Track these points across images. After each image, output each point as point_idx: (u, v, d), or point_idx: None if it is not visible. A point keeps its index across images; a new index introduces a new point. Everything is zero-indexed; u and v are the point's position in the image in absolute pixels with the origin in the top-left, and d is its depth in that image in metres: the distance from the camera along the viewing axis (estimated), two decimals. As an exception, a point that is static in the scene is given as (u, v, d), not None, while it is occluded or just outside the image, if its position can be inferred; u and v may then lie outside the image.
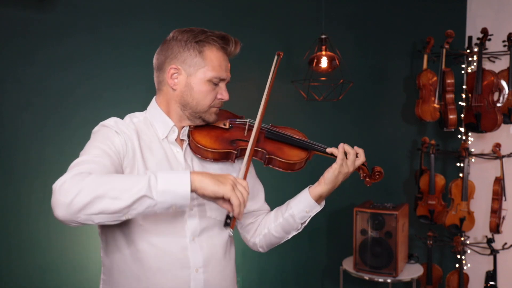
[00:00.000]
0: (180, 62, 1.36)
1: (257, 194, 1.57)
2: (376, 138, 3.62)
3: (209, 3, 3.01)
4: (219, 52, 1.37)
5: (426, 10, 3.60)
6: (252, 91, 3.21)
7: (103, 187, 1.07)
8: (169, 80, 1.37)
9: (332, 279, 3.52)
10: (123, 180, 1.10)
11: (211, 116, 1.41)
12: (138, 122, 1.39)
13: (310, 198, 1.44)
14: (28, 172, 2.49)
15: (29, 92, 2.48)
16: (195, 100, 1.36)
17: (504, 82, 3.28)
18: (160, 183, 1.09)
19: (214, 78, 1.36)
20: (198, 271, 1.35)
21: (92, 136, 1.34)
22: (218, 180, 1.13)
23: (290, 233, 1.51)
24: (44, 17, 2.49)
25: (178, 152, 1.38)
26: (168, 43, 1.39)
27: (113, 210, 1.07)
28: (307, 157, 1.46)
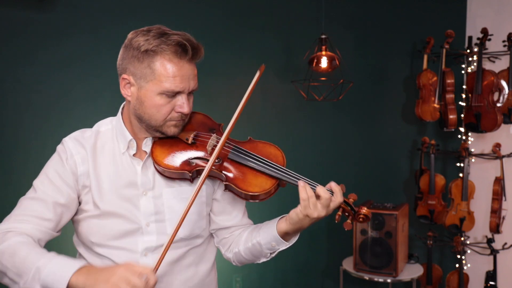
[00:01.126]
0: (131, 72, 1.24)
1: (233, 210, 1.43)
2: (376, 138, 3.62)
3: (209, 3, 3.00)
4: (171, 63, 1.20)
5: (426, 10, 3.60)
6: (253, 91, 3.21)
7: (3, 265, 1.16)
8: (122, 90, 1.28)
9: (332, 279, 3.52)
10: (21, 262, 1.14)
11: (170, 130, 1.28)
12: (105, 131, 1.36)
13: (275, 233, 1.31)
14: (28, 172, 2.48)
15: (29, 92, 2.48)
16: (147, 115, 1.25)
17: (504, 82, 3.28)
18: (44, 275, 1.11)
19: (166, 91, 1.21)
20: None
21: (50, 159, 1.36)
22: (95, 280, 1.07)
23: (259, 258, 1.40)
24: (44, 17, 2.49)
25: (138, 165, 1.32)
26: (124, 46, 1.27)
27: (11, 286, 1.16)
28: (272, 187, 1.25)
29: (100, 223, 1.31)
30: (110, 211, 1.30)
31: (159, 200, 1.32)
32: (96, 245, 1.32)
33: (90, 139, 1.34)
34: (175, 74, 1.21)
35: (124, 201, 1.31)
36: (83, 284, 1.07)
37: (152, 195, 1.32)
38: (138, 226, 1.31)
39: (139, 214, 1.31)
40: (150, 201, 1.32)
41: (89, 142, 1.33)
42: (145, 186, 1.32)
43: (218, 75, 2.95)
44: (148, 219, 1.31)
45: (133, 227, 1.31)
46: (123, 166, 1.32)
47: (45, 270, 1.11)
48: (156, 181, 1.33)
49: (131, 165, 1.32)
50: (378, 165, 3.62)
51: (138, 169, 1.32)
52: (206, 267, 1.43)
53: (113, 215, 1.30)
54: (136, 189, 1.32)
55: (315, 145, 3.42)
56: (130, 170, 1.32)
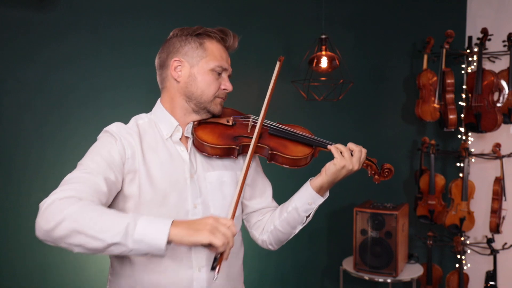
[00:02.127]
0: (182, 55, 1.39)
1: (264, 191, 1.57)
2: (376, 138, 3.62)
3: (209, 3, 3.01)
4: (218, 44, 1.42)
5: (426, 10, 3.60)
6: (253, 90, 3.21)
7: (82, 223, 1.08)
8: (173, 72, 1.40)
9: (332, 279, 3.52)
10: (104, 219, 1.10)
11: (216, 107, 1.43)
12: (143, 123, 1.41)
13: (311, 190, 1.43)
14: (28, 172, 2.49)
15: (29, 92, 2.48)
16: (199, 90, 1.39)
17: (504, 82, 3.28)
18: (137, 233, 1.08)
19: (216, 67, 1.39)
20: (201, 270, 1.35)
21: (95, 144, 1.35)
22: (195, 229, 1.10)
23: (296, 227, 1.49)
24: (44, 17, 2.49)
25: (183, 151, 1.40)
26: (169, 41, 1.43)
27: (89, 248, 1.10)
28: (311, 153, 1.45)
29: (151, 205, 1.32)
30: (161, 194, 1.34)
31: (203, 183, 1.40)
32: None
33: (133, 127, 1.39)
34: (221, 53, 1.42)
35: (173, 184, 1.35)
36: (182, 235, 1.09)
37: (197, 178, 1.40)
38: (186, 208, 1.36)
39: (187, 196, 1.37)
40: (195, 184, 1.39)
41: (134, 130, 1.38)
42: (191, 170, 1.39)
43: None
44: (195, 201, 1.38)
45: (181, 209, 1.36)
46: (169, 152, 1.38)
47: (138, 224, 1.08)
48: (198, 165, 1.41)
49: (175, 150, 1.39)
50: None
51: (183, 154, 1.39)
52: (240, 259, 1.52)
53: (163, 198, 1.34)
54: (183, 173, 1.38)
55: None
56: (176, 155, 1.39)
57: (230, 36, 1.45)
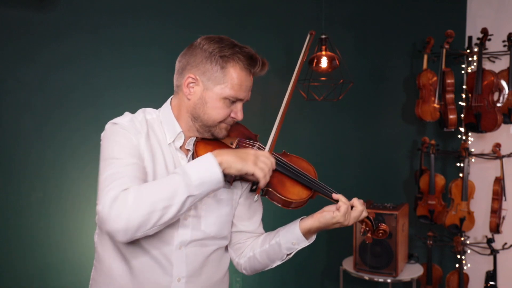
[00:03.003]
0: (200, 73, 1.30)
1: (253, 216, 1.51)
2: (376, 138, 3.62)
3: (210, 3, 3.01)
4: (242, 72, 1.31)
5: (426, 10, 3.60)
6: (253, 91, 3.21)
7: (148, 203, 1.11)
8: (184, 88, 1.33)
9: (332, 279, 3.52)
10: (161, 188, 1.13)
11: (221, 132, 1.36)
12: (151, 119, 1.37)
13: (298, 231, 1.37)
14: (28, 172, 2.49)
15: (29, 92, 2.48)
16: (206, 115, 1.32)
17: (504, 82, 3.28)
18: (194, 178, 1.13)
19: (231, 97, 1.30)
20: (180, 280, 1.33)
21: (110, 136, 1.29)
22: (241, 157, 1.19)
23: (275, 261, 1.43)
24: (44, 17, 2.49)
25: (182, 159, 1.36)
26: (193, 49, 1.33)
27: (166, 219, 1.14)
28: (308, 197, 1.36)
29: None
30: None
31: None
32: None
33: (143, 124, 1.33)
34: (242, 82, 1.31)
35: None
36: (230, 160, 1.16)
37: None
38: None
39: None
40: None
41: (143, 127, 1.33)
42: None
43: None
44: (187, 212, 1.34)
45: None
46: (169, 157, 1.34)
47: (190, 172, 1.14)
48: None
49: (176, 157, 1.35)
50: (378, 165, 3.62)
51: (182, 162, 1.35)
52: (223, 271, 1.47)
53: None
54: None
55: (315, 145, 3.42)
56: (175, 162, 1.35)
57: (259, 65, 1.34)
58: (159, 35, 2.77)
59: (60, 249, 2.56)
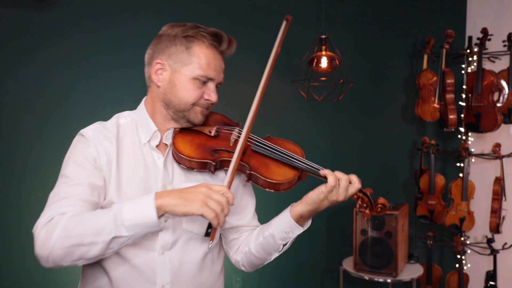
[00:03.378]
0: (166, 57, 1.28)
1: (244, 209, 1.43)
2: (376, 138, 3.62)
3: (209, 3, 3.01)
4: (208, 50, 1.27)
5: (426, 10, 3.60)
6: (253, 92, 3.21)
7: (75, 235, 1.06)
8: (153, 75, 1.30)
9: (332, 279, 3.52)
10: (92, 222, 1.08)
11: (196, 117, 1.31)
12: (124, 123, 1.34)
13: (290, 218, 1.30)
14: (28, 172, 2.49)
15: (29, 92, 2.48)
16: (177, 98, 1.28)
17: (504, 82, 3.28)
18: (126, 219, 1.07)
19: (200, 76, 1.26)
20: (164, 287, 1.28)
21: (71, 150, 1.30)
22: (186, 199, 1.08)
23: (272, 254, 1.37)
24: (44, 17, 2.49)
25: (159, 158, 1.31)
26: (158, 37, 1.32)
27: (91, 256, 1.09)
28: (295, 177, 1.29)
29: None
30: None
31: None
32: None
33: (112, 129, 1.31)
34: (210, 61, 1.27)
35: (143, 193, 1.26)
36: (172, 203, 1.07)
37: (171, 189, 1.29)
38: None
39: None
40: None
41: (112, 133, 1.30)
42: (164, 180, 1.30)
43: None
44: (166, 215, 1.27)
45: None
46: (144, 158, 1.30)
47: (124, 212, 1.07)
48: (175, 175, 1.32)
49: (151, 157, 1.30)
50: (378, 165, 3.62)
51: (158, 162, 1.30)
52: (215, 273, 1.41)
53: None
54: (156, 183, 1.29)
55: (315, 145, 3.42)
56: (150, 163, 1.30)
57: (225, 41, 1.30)
58: (159, 35, 2.77)
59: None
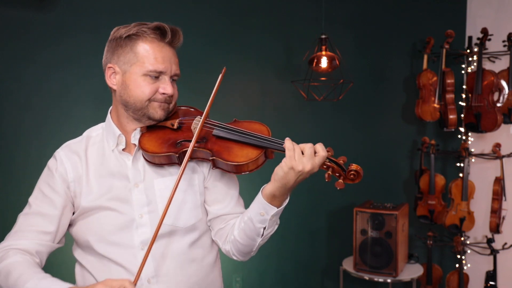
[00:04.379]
0: (115, 60, 1.30)
1: (225, 196, 1.41)
2: (376, 138, 3.62)
3: (209, 3, 3.01)
4: (153, 44, 1.28)
5: (426, 10, 3.60)
6: (253, 91, 3.21)
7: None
8: (108, 80, 1.33)
9: (332, 279, 3.52)
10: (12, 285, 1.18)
11: (156, 112, 1.31)
12: (96, 136, 1.40)
13: (261, 199, 1.27)
14: (28, 172, 2.49)
15: (29, 92, 2.48)
16: (132, 98, 1.29)
17: (504, 82, 3.28)
18: None
19: (149, 72, 1.27)
20: (150, 281, 1.30)
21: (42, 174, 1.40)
22: None
23: (255, 239, 1.33)
24: (44, 17, 2.49)
25: (128, 160, 1.34)
26: (108, 42, 1.35)
27: None
28: (259, 156, 1.26)
29: (94, 218, 1.33)
30: (102, 206, 1.32)
31: (150, 191, 1.33)
32: (94, 243, 1.33)
33: (81, 144, 1.38)
34: (156, 54, 1.27)
35: (115, 195, 1.32)
36: None
37: (144, 187, 1.33)
38: (131, 218, 1.31)
39: (131, 207, 1.32)
40: (142, 192, 1.33)
41: (81, 147, 1.37)
42: (136, 178, 1.33)
43: (218, 75, 2.94)
44: (141, 211, 1.32)
45: (127, 220, 1.32)
46: (113, 163, 1.34)
47: None
48: (146, 172, 1.34)
49: (121, 160, 1.34)
50: (378, 165, 3.62)
51: (128, 163, 1.34)
52: (207, 265, 1.40)
53: (105, 209, 1.32)
54: (128, 182, 1.33)
55: (315, 145, 3.42)
56: (120, 166, 1.34)
57: (168, 33, 1.29)
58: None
59: (60, 249, 2.56)
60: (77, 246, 1.41)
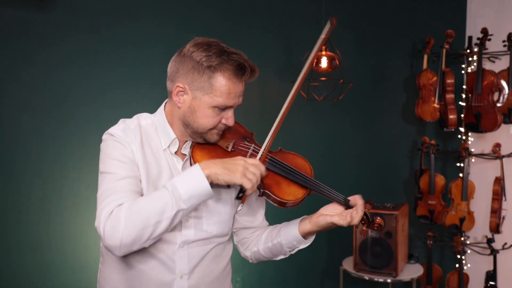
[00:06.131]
0: (188, 82, 1.30)
1: (256, 212, 1.56)
2: (376, 138, 3.62)
3: (209, 3, 3.00)
4: (230, 81, 1.29)
5: (426, 10, 3.60)
6: (252, 92, 3.21)
7: (140, 219, 1.15)
8: (174, 96, 1.33)
9: (332, 279, 3.52)
10: (152, 203, 1.17)
11: (213, 137, 1.37)
12: (146, 125, 1.39)
13: (297, 233, 1.43)
14: (28, 172, 2.49)
15: (29, 92, 2.48)
16: (196, 123, 1.33)
17: (504, 82, 3.28)
18: (183, 192, 1.16)
19: (220, 105, 1.30)
20: (183, 277, 1.37)
21: (105, 149, 1.33)
22: (228, 169, 1.19)
23: (278, 256, 1.52)
24: (44, 17, 2.49)
25: (178, 163, 1.38)
26: (182, 56, 1.33)
27: (158, 233, 1.18)
28: (303, 196, 1.37)
29: None
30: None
31: None
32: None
33: (136, 131, 1.36)
34: (230, 91, 1.30)
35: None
36: (217, 172, 1.18)
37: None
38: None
39: None
40: None
41: (137, 135, 1.35)
42: None
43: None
44: (188, 215, 1.37)
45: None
46: (165, 162, 1.37)
47: (179, 187, 1.16)
48: None
49: (172, 161, 1.38)
50: (378, 165, 3.62)
51: (178, 167, 1.38)
52: (224, 264, 1.50)
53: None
54: None
55: (315, 145, 3.42)
56: (171, 167, 1.37)
57: (247, 72, 1.31)
58: (159, 35, 2.77)
59: (60, 249, 2.56)
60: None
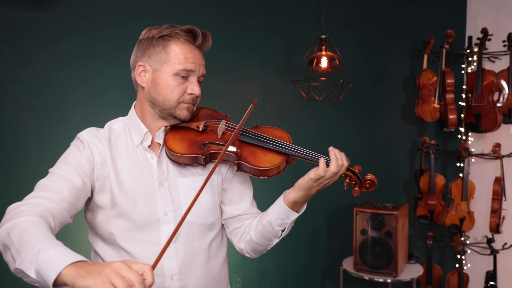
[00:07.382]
0: (146, 59, 1.35)
1: (241, 198, 1.50)
2: (376, 138, 3.62)
3: (209, 3, 3.01)
4: (184, 45, 1.33)
5: (426, 10, 3.60)
6: (252, 90, 3.21)
7: (11, 243, 1.06)
8: (137, 77, 1.37)
9: (332, 279, 3.52)
10: (25, 243, 1.03)
11: (182, 113, 1.36)
12: (117, 128, 1.41)
13: (284, 205, 1.37)
14: (28, 172, 2.49)
15: (29, 92, 2.48)
16: (161, 96, 1.33)
17: (504, 82, 3.28)
18: (37, 264, 0.98)
19: (180, 71, 1.32)
20: (173, 278, 1.34)
21: (66, 150, 1.36)
22: (89, 272, 0.94)
23: (272, 240, 1.44)
24: (44, 17, 2.49)
25: (152, 158, 1.37)
26: (138, 42, 1.40)
27: (11, 267, 1.06)
28: (282, 162, 1.34)
29: (120, 213, 1.33)
30: (131, 202, 1.33)
31: (174, 190, 1.37)
32: (119, 237, 1.33)
33: (104, 134, 1.38)
34: (187, 55, 1.33)
35: (142, 192, 1.34)
36: (73, 276, 0.94)
37: (168, 185, 1.37)
38: (157, 216, 1.34)
39: (156, 204, 1.35)
40: (166, 191, 1.36)
41: (104, 137, 1.37)
42: (160, 177, 1.37)
43: (218, 75, 2.95)
44: (165, 208, 1.35)
45: (152, 217, 1.34)
46: (138, 159, 1.37)
47: (44, 254, 0.98)
48: (170, 172, 1.38)
49: (145, 157, 1.37)
50: (378, 165, 3.62)
51: (152, 161, 1.37)
52: (220, 262, 1.47)
53: (133, 206, 1.33)
54: (152, 180, 1.36)
55: (315, 145, 3.41)
56: (145, 162, 1.37)
57: (199, 36, 1.35)
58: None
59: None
60: (96, 236, 1.40)
